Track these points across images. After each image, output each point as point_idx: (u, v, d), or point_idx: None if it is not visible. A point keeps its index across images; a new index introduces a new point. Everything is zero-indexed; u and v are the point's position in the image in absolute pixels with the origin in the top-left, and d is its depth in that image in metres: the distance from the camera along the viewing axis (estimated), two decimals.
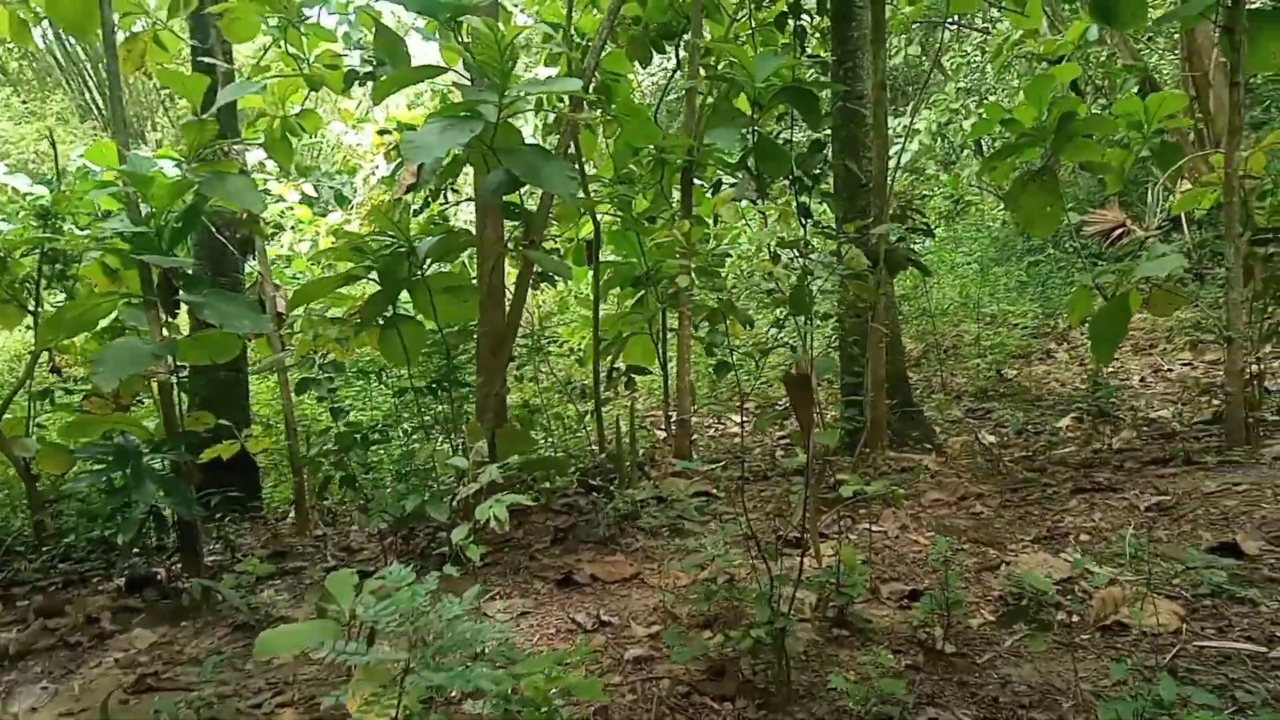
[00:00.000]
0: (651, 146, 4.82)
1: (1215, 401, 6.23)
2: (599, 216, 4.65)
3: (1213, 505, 3.33)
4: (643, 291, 4.99)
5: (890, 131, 16.24)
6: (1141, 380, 7.67)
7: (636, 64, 5.55)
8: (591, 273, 4.70)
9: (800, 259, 2.99)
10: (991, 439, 5.81)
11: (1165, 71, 12.01)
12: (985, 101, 13.85)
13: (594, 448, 4.74)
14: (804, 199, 3.98)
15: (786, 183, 4.12)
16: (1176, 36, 10.89)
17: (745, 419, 5.42)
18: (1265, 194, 4.62)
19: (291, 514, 4.86)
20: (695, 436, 6.85)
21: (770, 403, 7.07)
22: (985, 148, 13.75)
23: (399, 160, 5.28)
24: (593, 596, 3.23)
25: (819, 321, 8.31)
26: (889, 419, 5.47)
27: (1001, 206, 14.38)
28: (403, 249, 3.53)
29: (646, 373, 5.14)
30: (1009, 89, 13.86)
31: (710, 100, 4.71)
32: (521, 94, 3.16)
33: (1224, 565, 2.74)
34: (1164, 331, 9.13)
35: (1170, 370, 7.93)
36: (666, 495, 3.86)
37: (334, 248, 3.56)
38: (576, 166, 4.78)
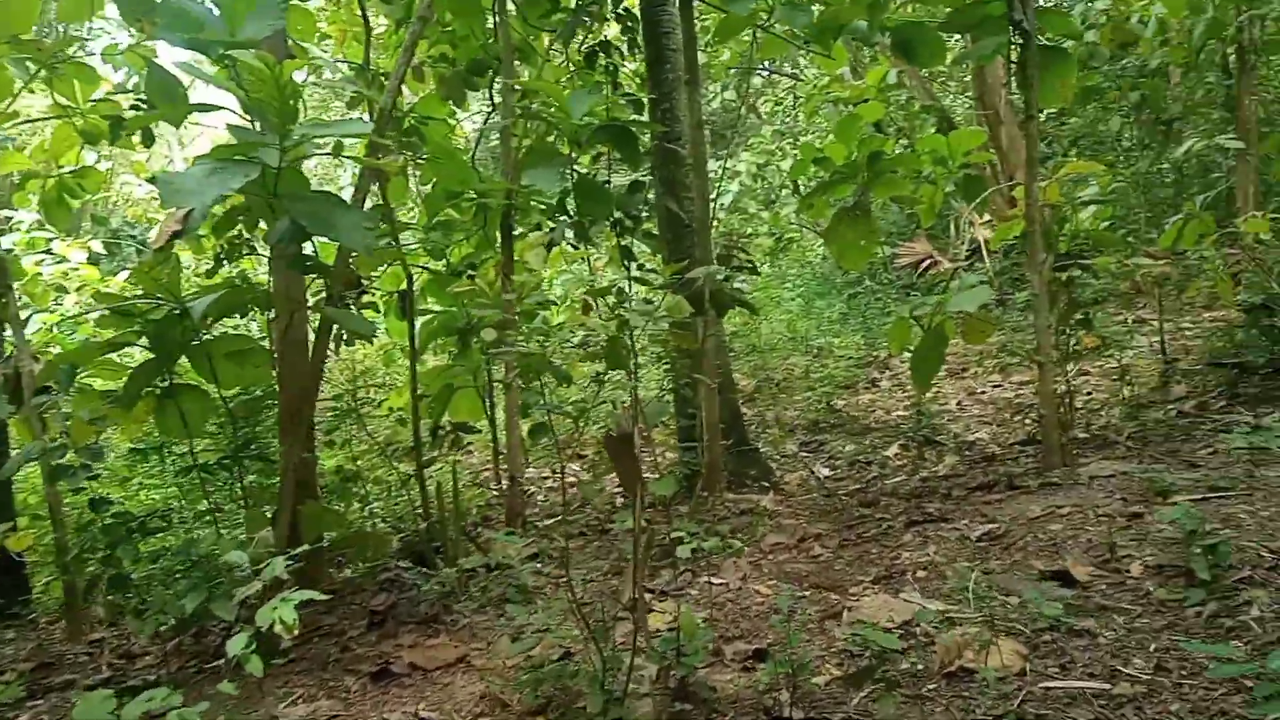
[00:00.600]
0: (471, 191, 4.58)
1: (1027, 422, 6.55)
2: (415, 266, 4.34)
3: (1040, 531, 3.36)
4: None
5: (712, 174, 16.65)
6: (958, 404, 7.99)
7: (460, 107, 5.31)
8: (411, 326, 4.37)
9: (617, 307, 2.81)
10: (826, 472, 5.83)
11: (959, 111, 12.84)
12: (799, 143, 14.41)
13: (419, 514, 4.38)
14: (626, 241, 3.83)
15: (608, 225, 3.97)
16: (969, 78, 11.67)
17: (570, 485, 5.19)
18: (1062, 222, 4.86)
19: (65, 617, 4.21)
20: (533, 490, 6.55)
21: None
22: (802, 186, 14.26)
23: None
24: (412, 689, 2.88)
25: (647, 366, 8.25)
26: (725, 460, 5.38)
27: (821, 242, 15.00)
28: (176, 310, 3.11)
29: (474, 430, 4.82)
30: (820, 131, 14.48)
31: (527, 141, 4.52)
32: (307, 137, 2.84)
33: (1059, 596, 2.72)
34: (974, 355, 9.61)
35: (983, 393, 8.32)
36: (496, 563, 3.56)
37: (88, 310, 3.09)
38: (383, 214, 4.46)
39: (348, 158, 3.99)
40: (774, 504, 4.79)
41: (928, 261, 14.25)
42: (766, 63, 16.15)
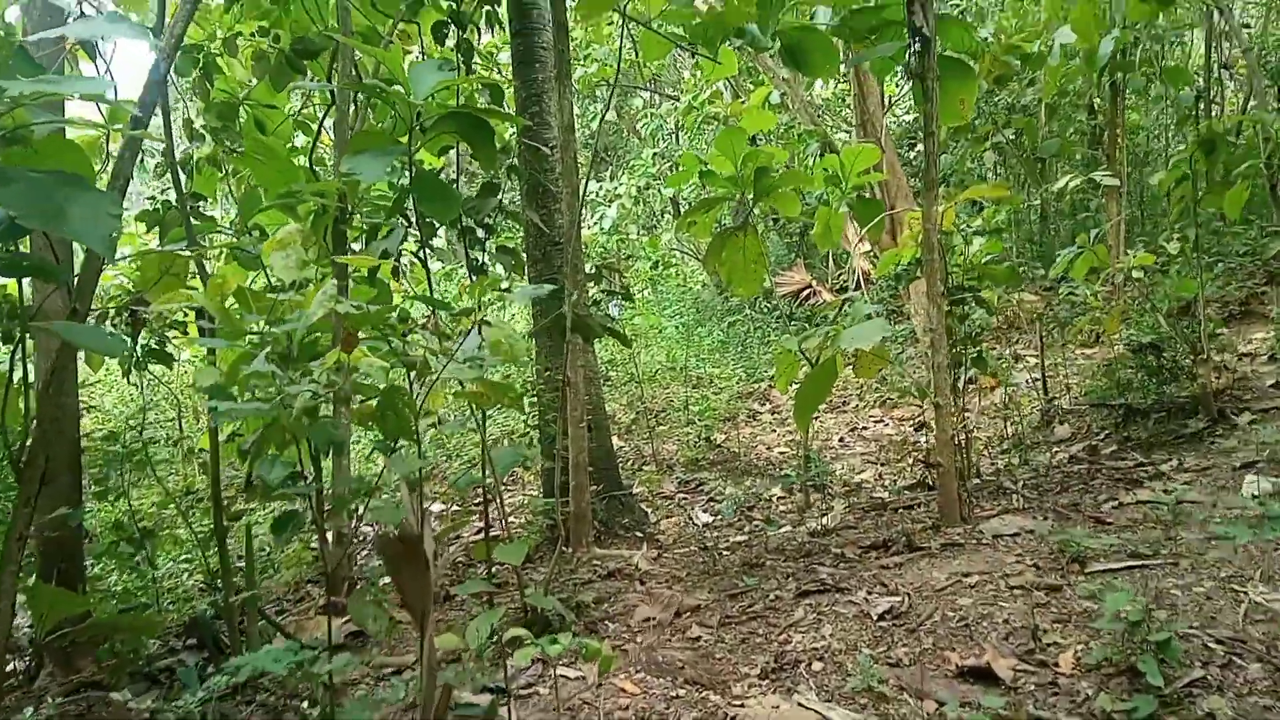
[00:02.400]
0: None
1: (912, 461, 6.22)
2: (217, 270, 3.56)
3: (948, 606, 2.89)
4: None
5: (592, 196, 16.14)
6: (841, 440, 7.66)
7: (278, 92, 4.55)
8: (205, 352, 3.59)
9: (425, 339, 2.17)
10: (706, 519, 5.32)
11: (841, 139, 12.76)
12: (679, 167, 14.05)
13: (214, 583, 3.59)
14: (476, 254, 3.19)
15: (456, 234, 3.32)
16: (849, 103, 11.56)
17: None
18: (954, 252, 4.51)
19: None
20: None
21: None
22: (683, 204, 13.91)
23: None
24: None
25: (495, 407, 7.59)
26: (595, 507, 4.78)
27: (702, 269, 14.68)
28: None
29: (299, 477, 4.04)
30: (701, 151, 14.18)
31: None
32: (19, 98, 2.10)
33: (982, 703, 2.22)
34: (855, 388, 9.35)
35: (866, 429, 8.03)
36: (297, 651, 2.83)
37: None
38: (184, 207, 3.68)
39: (90, 127, 3.18)
40: (648, 560, 4.21)
41: (807, 290, 14.08)
42: (648, 82, 15.81)
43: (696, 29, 4.12)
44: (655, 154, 15.46)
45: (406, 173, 2.96)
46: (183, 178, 3.47)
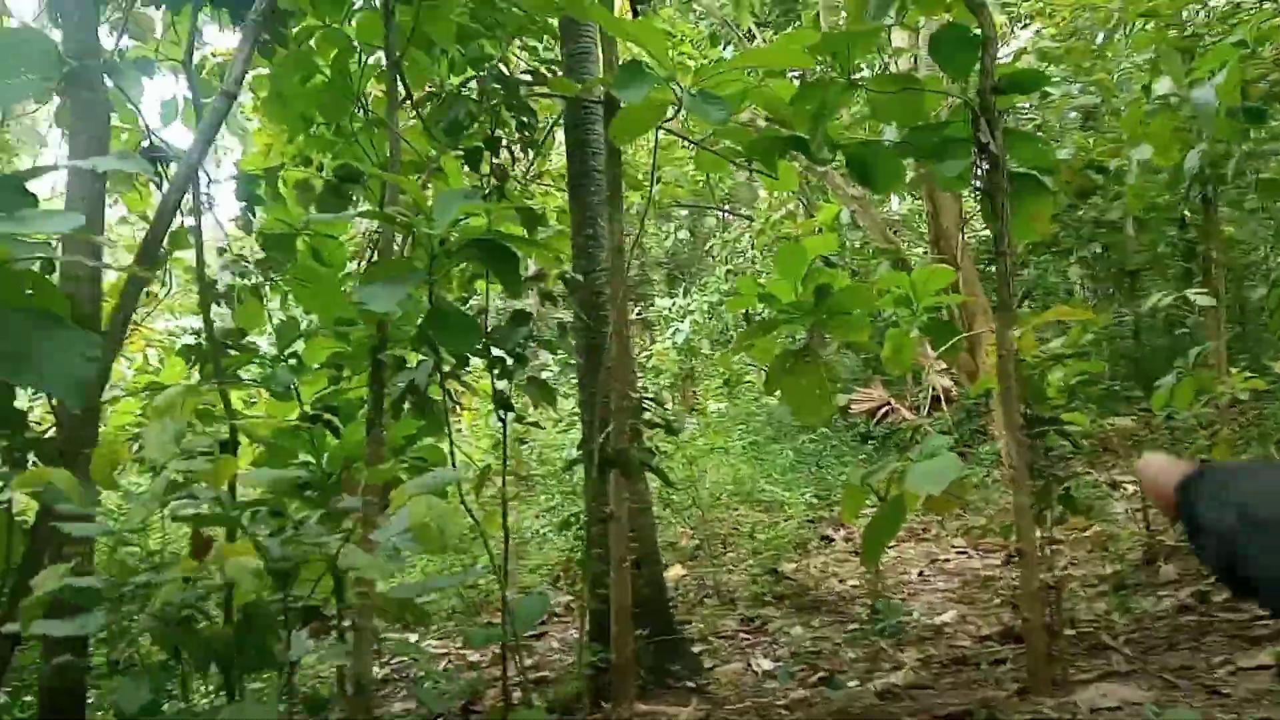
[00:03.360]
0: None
1: (997, 602, 5.69)
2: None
3: None
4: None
5: (665, 312, 16.12)
6: (920, 574, 7.11)
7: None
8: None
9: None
10: (767, 665, 4.88)
11: (914, 259, 12.52)
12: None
13: None
14: (503, 385, 3.00)
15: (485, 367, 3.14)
16: (924, 224, 11.34)
17: None
18: (1038, 378, 4.15)
19: None
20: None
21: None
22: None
23: None
24: None
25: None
26: (643, 653, 4.42)
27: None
28: None
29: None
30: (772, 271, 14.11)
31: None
32: None
33: None
34: (937, 514, 8.78)
35: (948, 560, 7.46)
36: None
37: None
38: (231, 339, 3.62)
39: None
40: (696, 717, 3.81)
41: (884, 408, 13.62)
42: (720, 201, 15.96)
43: (753, 145, 3.98)
44: (729, 270, 15.46)
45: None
46: (218, 309, 3.40)
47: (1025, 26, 13.29)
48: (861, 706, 3.64)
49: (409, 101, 4.43)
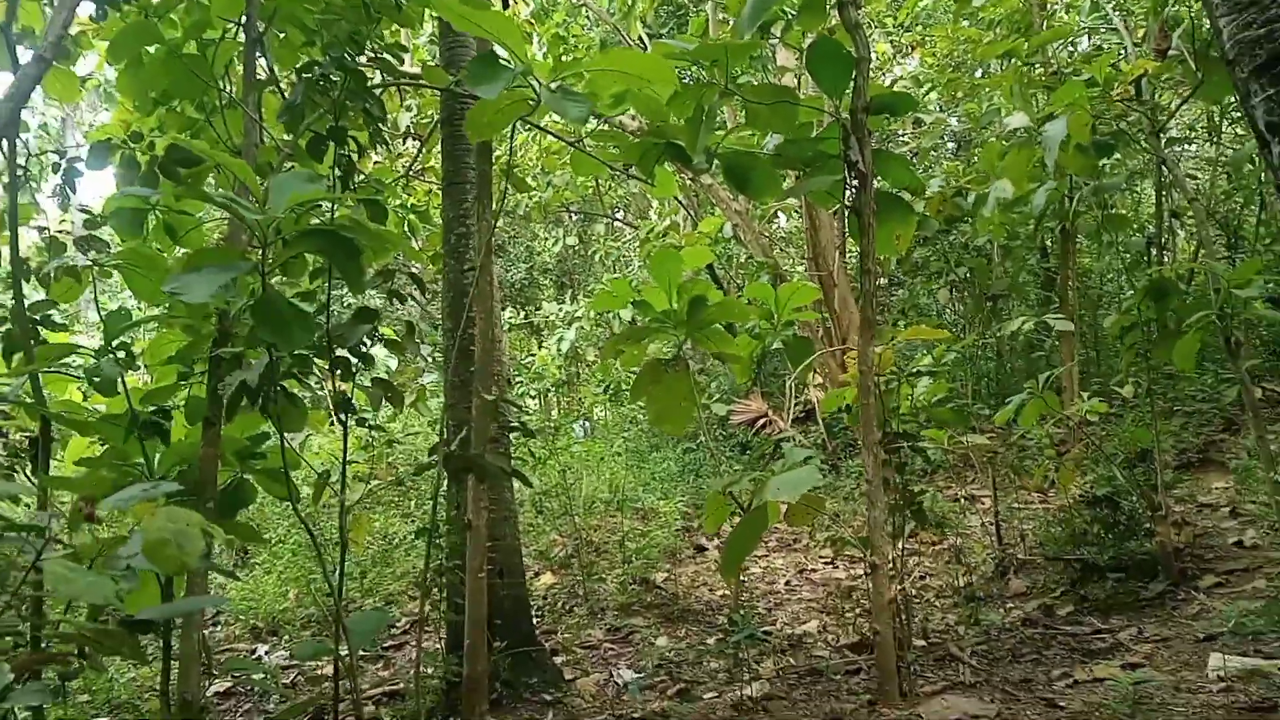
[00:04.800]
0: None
1: (857, 612, 5.80)
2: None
3: None
4: None
5: (553, 317, 15.96)
6: (788, 584, 7.21)
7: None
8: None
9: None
10: (629, 675, 4.81)
11: (797, 274, 12.78)
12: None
13: None
14: (347, 387, 2.83)
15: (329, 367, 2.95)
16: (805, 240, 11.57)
17: None
18: (896, 394, 4.23)
19: None
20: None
21: None
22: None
23: None
24: None
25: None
26: (500, 665, 4.28)
27: None
28: None
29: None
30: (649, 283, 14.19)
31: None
32: None
33: None
34: (796, 527, 8.92)
35: (815, 571, 7.59)
36: None
37: None
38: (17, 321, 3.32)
39: None
40: None
41: (763, 419, 13.84)
42: (610, 209, 15.96)
43: (630, 149, 3.93)
44: (613, 279, 15.43)
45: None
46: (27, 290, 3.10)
47: (907, 56, 13.81)
48: (716, 718, 3.61)
49: (275, 86, 4.20)
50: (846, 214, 3.67)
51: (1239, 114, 8.59)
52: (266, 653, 6.42)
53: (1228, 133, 10.05)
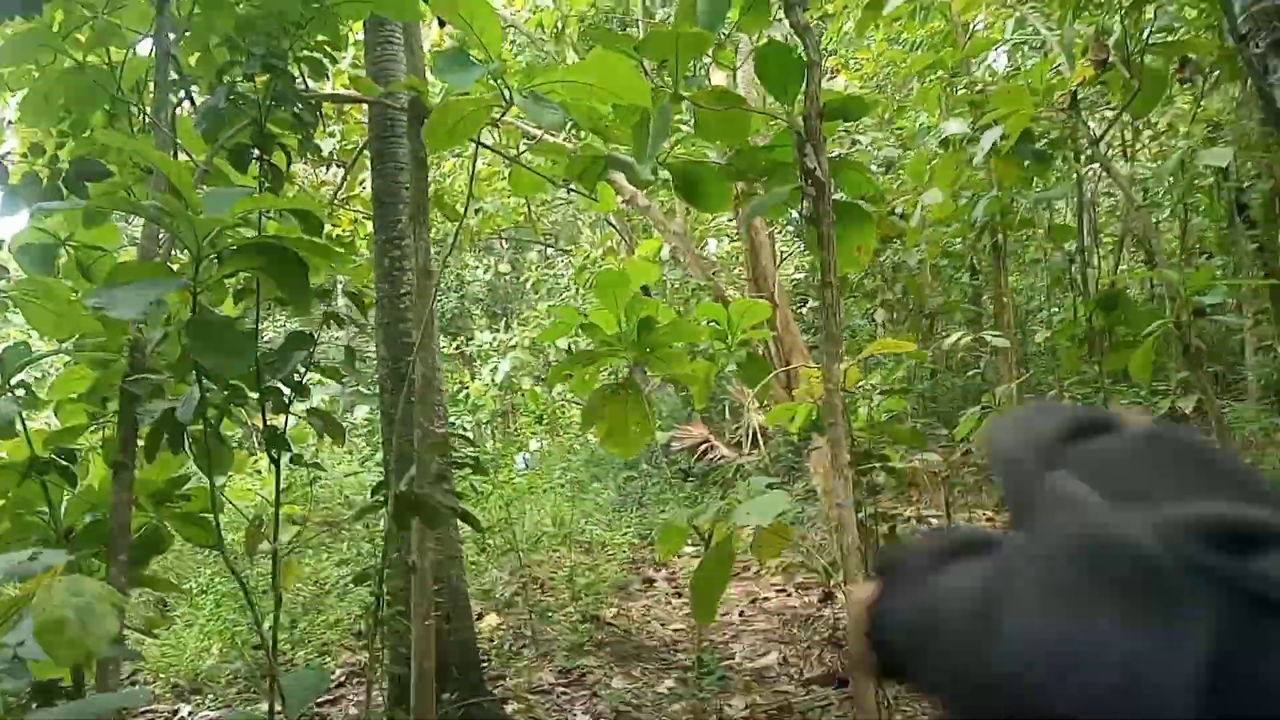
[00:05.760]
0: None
1: (817, 640, 5.63)
2: None
3: None
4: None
5: (486, 347, 15.60)
6: (741, 614, 7.00)
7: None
8: None
9: None
10: None
11: (734, 295, 12.70)
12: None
13: None
14: (276, 421, 2.53)
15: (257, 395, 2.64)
16: (743, 260, 11.52)
17: None
18: (855, 412, 4.08)
19: None
20: None
21: None
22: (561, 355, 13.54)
23: None
24: None
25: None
26: (449, 718, 3.97)
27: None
28: None
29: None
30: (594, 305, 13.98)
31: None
32: None
33: None
34: (765, 561, 8.73)
35: (768, 599, 7.40)
36: None
37: None
38: None
39: None
40: None
41: (704, 445, 13.64)
42: (543, 235, 15.72)
43: (571, 164, 3.71)
44: (550, 306, 15.20)
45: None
46: None
47: (831, 79, 13.98)
48: None
49: (189, 97, 3.88)
50: (804, 226, 3.50)
51: (1161, 129, 8.81)
52: (190, 713, 5.95)
53: (1148, 149, 10.29)
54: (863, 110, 3.59)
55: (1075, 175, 9.75)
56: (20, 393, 3.25)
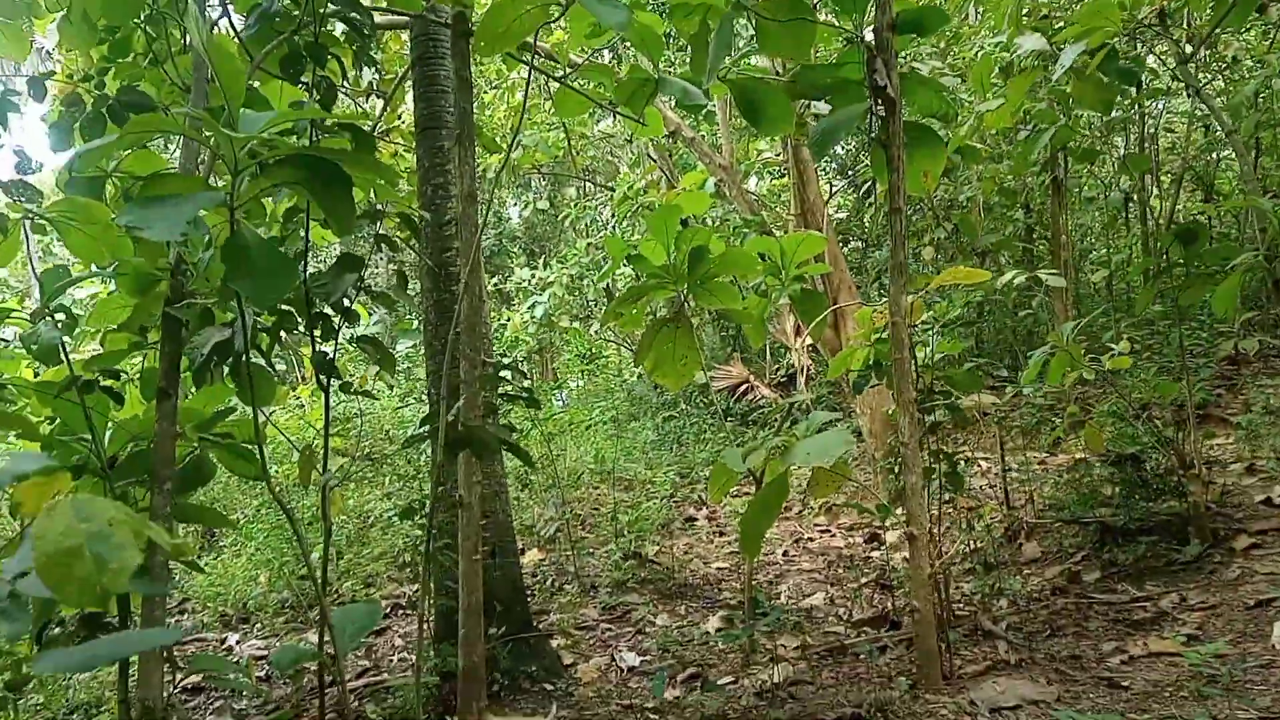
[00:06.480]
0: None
1: (863, 581, 5.52)
2: None
3: None
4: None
5: (524, 283, 15.48)
6: (785, 554, 6.91)
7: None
8: None
9: None
10: (633, 659, 4.48)
11: (779, 234, 12.41)
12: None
13: None
14: (327, 346, 2.41)
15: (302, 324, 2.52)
16: (785, 199, 11.22)
17: None
18: (920, 348, 3.89)
19: None
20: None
21: None
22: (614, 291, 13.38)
23: None
24: None
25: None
26: (498, 654, 3.93)
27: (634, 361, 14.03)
28: None
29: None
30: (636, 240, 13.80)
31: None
32: None
33: None
34: (798, 491, 8.64)
35: (811, 540, 7.31)
36: None
37: None
38: None
39: None
40: None
41: (744, 385, 13.45)
42: (582, 170, 15.43)
43: (620, 87, 3.52)
44: (589, 244, 15.04)
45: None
46: None
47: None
48: (740, 709, 3.28)
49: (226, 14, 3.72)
50: (871, 147, 3.29)
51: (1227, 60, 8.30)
52: (237, 642, 6.02)
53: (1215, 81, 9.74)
54: (941, 21, 3.35)
55: (1138, 105, 9.28)
56: (60, 317, 3.18)
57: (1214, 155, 11.60)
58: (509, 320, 14.00)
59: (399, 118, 8.94)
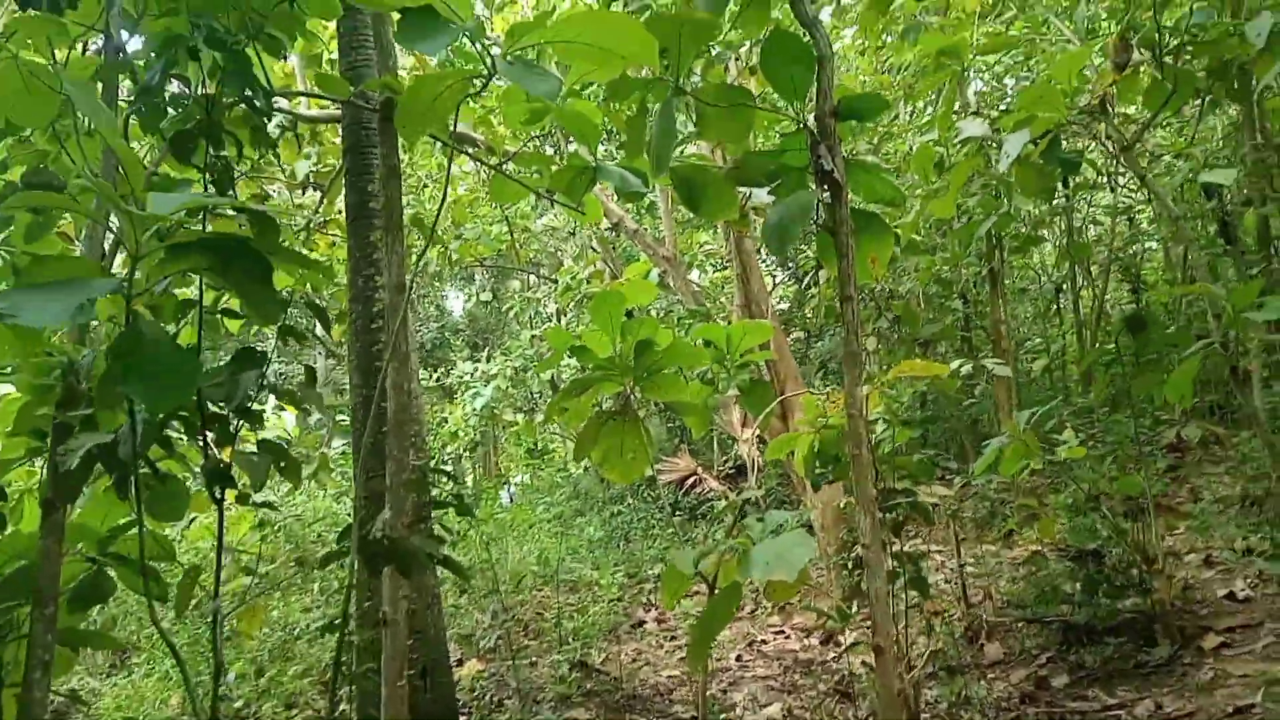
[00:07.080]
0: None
1: (821, 688, 5.24)
2: None
3: None
4: None
5: (467, 377, 15.16)
6: (739, 659, 6.58)
7: None
8: None
9: None
10: None
11: (723, 324, 12.38)
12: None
13: None
14: (224, 457, 2.13)
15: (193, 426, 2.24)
16: (728, 291, 11.21)
17: None
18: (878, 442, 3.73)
19: None
20: None
21: None
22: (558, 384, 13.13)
23: None
24: None
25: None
26: None
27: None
28: None
29: None
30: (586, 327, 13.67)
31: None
32: None
33: None
34: (750, 589, 8.31)
35: (765, 642, 6.98)
36: None
37: None
38: None
39: None
40: None
41: (692, 479, 13.19)
42: (526, 263, 15.36)
43: (557, 175, 3.38)
44: (533, 335, 14.85)
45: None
46: None
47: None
48: None
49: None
50: (816, 235, 3.17)
51: (1155, 152, 8.58)
52: None
53: (1132, 181, 10.08)
54: (881, 107, 3.28)
55: (1069, 197, 9.51)
56: None
57: (1141, 245, 11.99)
58: (450, 415, 13.63)
59: (337, 210, 8.76)
